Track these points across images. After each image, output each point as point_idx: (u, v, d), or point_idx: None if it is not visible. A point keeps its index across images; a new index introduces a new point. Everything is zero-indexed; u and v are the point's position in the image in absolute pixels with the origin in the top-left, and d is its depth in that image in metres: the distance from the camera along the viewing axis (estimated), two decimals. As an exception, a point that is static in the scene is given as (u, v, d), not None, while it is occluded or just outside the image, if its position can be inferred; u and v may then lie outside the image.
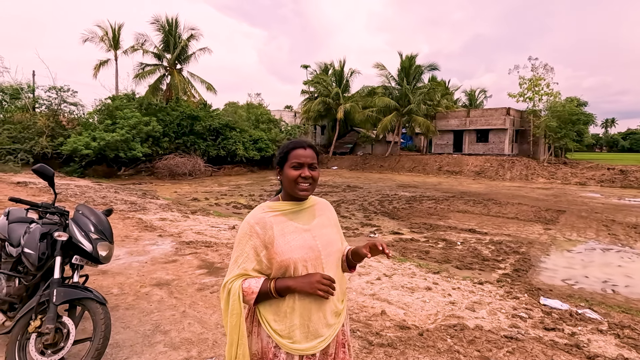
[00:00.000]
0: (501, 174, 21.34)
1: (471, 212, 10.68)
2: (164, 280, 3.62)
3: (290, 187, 1.30)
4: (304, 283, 1.23)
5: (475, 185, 18.19)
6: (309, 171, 1.29)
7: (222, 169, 23.20)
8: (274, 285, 1.23)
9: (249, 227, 1.27)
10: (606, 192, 15.76)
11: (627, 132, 73.71)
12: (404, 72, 26.40)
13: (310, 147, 1.34)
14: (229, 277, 1.26)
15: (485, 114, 26.66)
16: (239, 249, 1.27)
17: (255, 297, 1.23)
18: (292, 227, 1.30)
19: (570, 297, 4.49)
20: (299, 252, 1.27)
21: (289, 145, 1.35)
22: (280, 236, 1.27)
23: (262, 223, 1.27)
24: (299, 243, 1.28)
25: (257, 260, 1.26)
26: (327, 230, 1.39)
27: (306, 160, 1.29)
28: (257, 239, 1.25)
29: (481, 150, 26.52)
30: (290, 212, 1.33)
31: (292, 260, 1.25)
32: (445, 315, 3.14)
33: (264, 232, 1.26)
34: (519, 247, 7.01)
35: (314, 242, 1.31)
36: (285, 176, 1.31)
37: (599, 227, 8.84)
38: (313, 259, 1.29)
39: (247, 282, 1.24)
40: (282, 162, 1.33)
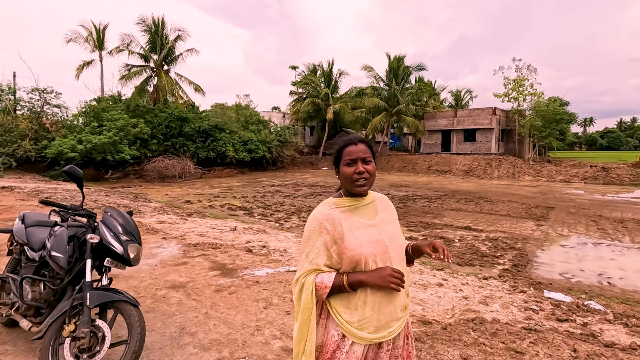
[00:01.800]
0: (489, 173, 21.81)
1: (465, 210, 10.89)
2: (179, 282, 3.59)
3: (348, 184, 1.33)
4: (376, 277, 1.25)
5: (465, 184, 18.53)
6: (362, 166, 1.31)
7: (212, 171, 22.97)
8: (346, 279, 1.26)
9: (318, 223, 1.29)
10: (590, 189, 16.31)
11: (604, 130, 76.36)
12: (392, 73, 26.71)
13: (362, 142, 1.35)
14: (301, 272, 1.29)
15: (472, 114, 27.22)
16: (309, 245, 1.29)
17: (328, 292, 1.25)
18: (359, 222, 1.33)
19: (570, 290, 4.66)
20: (368, 247, 1.29)
21: (340, 143, 1.37)
22: (349, 232, 1.29)
23: (331, 219, 1.29)
24: (367, 238, 1.30)
25: (328, 256, 1.28)
26: (391, 225, 1.41)
27: (359, 155, 1.31)
28: (327, 234, 1.27)
29: (469, 149, 27.05)
30: (354, 207, 1.35)
31: (362, 255, 1.27)
32: (461, 309, 3.22)
33: (333, 227, 1.28)
34: (514, 243, 7.20)
35: (381, 237, 1.33)
36: (342, 174, 1.34)
37: (588, 223, 9.15)
38: (381, 253, 1.31)
39: (320, 276, 1.27)
40: (337, 161, 1.36)
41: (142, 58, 24.23)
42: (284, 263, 4.27)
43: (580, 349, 2.37)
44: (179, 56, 24.81)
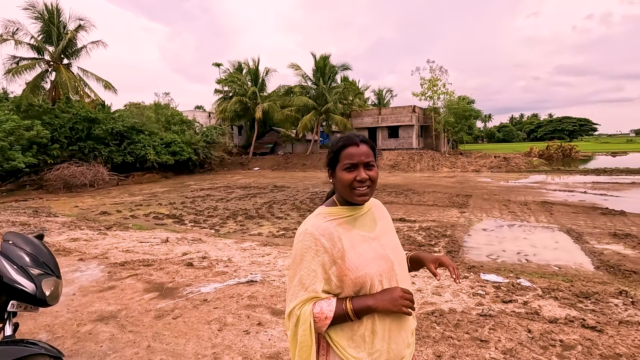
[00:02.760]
0: (412, 166, 23.43)
1: (397, 203, 11.46)
2: (108, 312, 3.03)
3: (346, 193, 1.12)
4: (386, 301, 1.06)
5: (392, 178, 19.62)
6: (365, 172, 1.10)
7: (131, 177, 20.79)
8: (351, 306, 1.05)
9: (313, 239, 1.06)
10: (496, 177, 18.47)
11: (500, 125, 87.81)
12: (319, 72, 27.08)
13: (364, 142, 1.14)
14: (295, 303, 1.05)
15: (394, 111, 28.98)
16: (303, 268, 1.06)
17: (329, 323, 1.05)
18: (359, 236, 1.13)
19: (498, 270, 5.11)
20: (374, 266, 1.10)
21: (338, 143, 1.15)
22: (350, 249, 1.08)
23: (329, 234, 1.08)
24: (371, 255, 1.11)
25: (326, 279, 1.07)
26: (391, 236, 1.23)
27: (361, 160, 1.10)
28: (325, 254, 1.06)
29: (393, 145, 28.77)
30: (353, 218, 1.15)
31: (368, 275, 1.08)
32: (419, 304, 3.27)
33: (332, 245, 1.07)
34: (445, 231, 7.74)
35: (384, 252, 1.15)
36: (339, 180, 1.12)
37: (501, 207, 10.28)
38: (387, 271, 1.12)
39: (318, 305, 1.05)
40: (333, 163, 1.15)
41: (33, 50, 20.80)
42: (232, 275, 3.92)
43: (533, 329, 2.55)
44: (82, 49, 21.86)
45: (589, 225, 7.69)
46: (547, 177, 17.67)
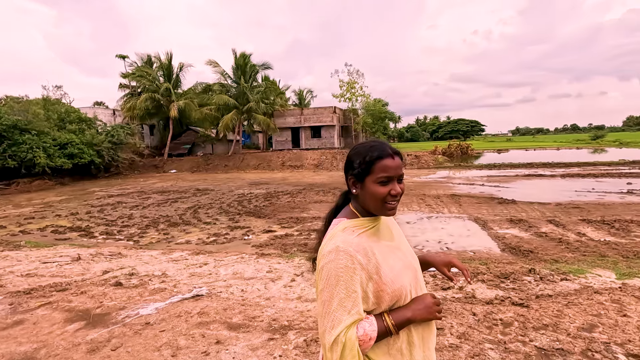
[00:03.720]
0: (335, 165, 24.27)
1: (326, 201, 11.74)
2: (23, 354, 2.48)
3: (376, 206, 1.07)
4: (422, 310, 1.05)
5: (318, 177, 20.05)
6: (399, 186, 1.07)
7: (15, 185, 17.51)
8: (391, 321, 1.02)
9: (349, 257, 0.99)
10: (410, 174, 20.19)
11: (408, 126, 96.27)
12: (239, 70, 26.29)
13: (398, 155, 1.08)
14: (340, 329, 0.96)
15: (316, 112, 29.67)
16: (341, 289, 0.98)
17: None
18: (386, 247, 1.09)
19: (427, 260, 5.62)
20: (406, 276, 1.07)
21: (371, 152, 1.06)
22: (384, 262, 1.04)
23: (363, 250, 1.02)
24: (401, 265, 1.09)
25: (363, 298, 1.01)
26: (406, 241, 1.21)
27: (397, 172, 1.06)
28: (363, 271, 1.00)
29: (316, 144, 29.44)
30: (376, 229, 1.10)
31: (403, 287, 1.05)
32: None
33: (367, 260, 1.01)
34: (374, 226, 8.22)
35: (408, 260, 1.13)
36: (369, 192, 1.06)
37: (419, 201, 11.26)
38: (414, 279, 1.11)
39: (360, 327, 0.99)
40: (362, 174, 1.06)
41: None
42: (172, 291, 3.56)
43: (477, 311, 2.84)
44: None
45: (490, 214, 8.85)
46: (451, 173, 19.95)
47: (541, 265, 4.56)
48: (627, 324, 2.54)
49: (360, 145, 1.11)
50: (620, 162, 20.77)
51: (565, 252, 5.57)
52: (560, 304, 2.95)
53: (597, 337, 2.41)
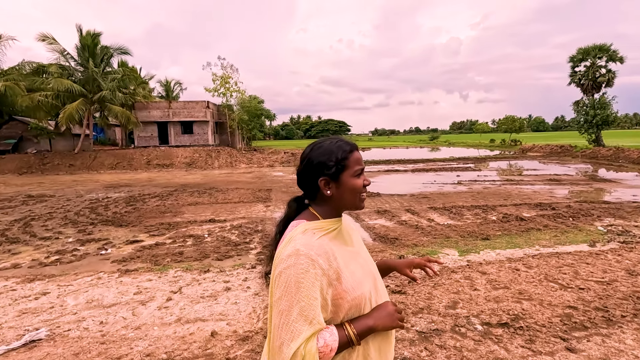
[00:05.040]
0: (210, 163, 22.89)
1: (202, 203, 10.89)
2: None
3: (353, 201, 1.05)
4: (384, 318, 1.00)
5: (191, 177, 18.51)
6: (367, 177, 1.09)
7: None
8: (353, 330, 0.95)
9: (310, 262, 0.91)
10: (287, 171, 20.63)
11: (283, 124, 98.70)
12: (87, 51, 22.02)
13: (358, 148, 1.10)
14: (300, 341, 0.87)
15: (187, 106, 27.30)
16: (302, 297, 0.89)
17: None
18: (347, 252, 1.03)
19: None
20: (366, 284, 1.01)
21: (344, 147, 1.04)
22: (344, 267, 0.98)
23: (325, 254, 0.94)
24: (362, 271, 1.03)
25: (323, 306, 0.93)
26: (365, 248, 1.16)
27: (364, 165, 1.08)
28: (324, 276, 0.92)
29: (188, 141, 27.12)
30: (337, 231, 1.04)
31: (364, 295, 0.99)
32: (262, 308, 3.19)
33: (328, 265, 0.94)
34: (256, 226, 7.97)
35: (369, 267, 1.08)
36: (347, 187, 1.03)
37: (298, 198, 11.54)
38: (374, 288, 1.05)
39: (320, 338, 0.90)
40: (340, 170, 1.02)
41: None
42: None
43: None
44: None
45: (361, 206, 9.70)
46: (325, 169, 21.24)
47: (406, 251, 5.15)
48: (478, 297, 3.04)
49: (321, 145, 1.05)
50: (451, 158, 25.80)
51: (422, 236, 6.46)
52: (429, 286, 3.34)
53: (460, 312, 2.79)
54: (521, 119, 45.02)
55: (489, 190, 11.61)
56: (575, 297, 3.15)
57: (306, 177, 1.06)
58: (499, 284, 3.43)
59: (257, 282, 3.94)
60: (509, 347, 2.40)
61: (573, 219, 7.40)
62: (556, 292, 3.26)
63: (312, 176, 1.04)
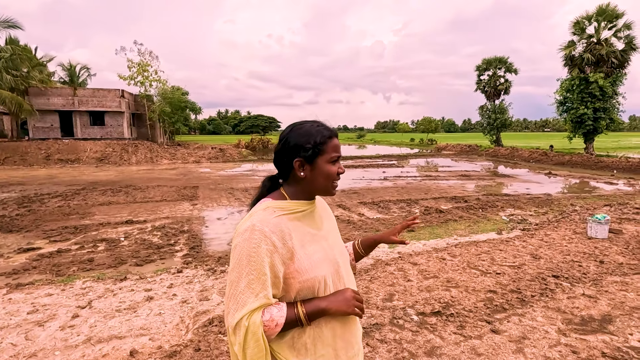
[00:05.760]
0: (126, 159, 20.73)
1: (117, 203, 9.78)
2: None
3: (326, 186, 1.06)
4: (340, 302, 0.99)
5: (102, 173, 16.52)
6: (342, 165, 1.10)
7: None
8: (304, 310, 0.95)
9: (263, 237, 0.92)
10: (215, 167, 19.65)
11: (210, 118, 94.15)
12: (-39, 21, 18.19)
13: (337, 135, 1.11)
14: (244, 312, 0.89)
15: (97, 94, 24.21)
16: (250, 269, 0.91)
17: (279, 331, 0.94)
18: (309, 234, 1.03)
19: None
20: (323, 268, 1.01)
21: (323, 132, 1.04)
22: (300, 248, 0.98)
23: (280, 232, 0.95)
24: (321, 255, 1.02)
25: (274, 283, 0.94)
26: (337, 235, 1.16)
27: (341, 153, 1.10)
28: (276, 253, 0.93)
29: (98, 134, 24.11)
30: (303, 214, 1.04)
31: (317, 279, 0.98)
32: (191, 317, 2.89)
33: (282, 243, 0.95)
34: (182, 227, 7.39)
35: (332, 252, 1.07)
36: (322, 172, 1.04)
37: (227, 195, 11.02)
38: (334, 273, 1.04)
39: (268, 312, 0.92)
40: (315, 154, 1.02)
41: None
42: None
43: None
44: None
45: (295, 203, 9.63)
46: (255, 166, 20.73)
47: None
48: (412, 288, 3.15)
49: (302, 126, 1.05)
50: (377, 155, 27.17)
51: (353, 230, 6.60)
52: (366, 280, 3.37)
53: (396, 304, 2.85)
54: (436, 120, 49.41)
55: (412, 185, 12.44)
56: (494, 281, 3.47)
57: (282, 156, 1.05)
58: (429, 273, 3.61)
59: (184, 288, 3.58)
60: (443, 335, 2.52)
61: (482, 210, 8.26)
62: (478, 278, 3.55)
63: (288, 156, 1.04)
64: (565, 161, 20.26)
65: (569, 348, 2.40)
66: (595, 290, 3.30)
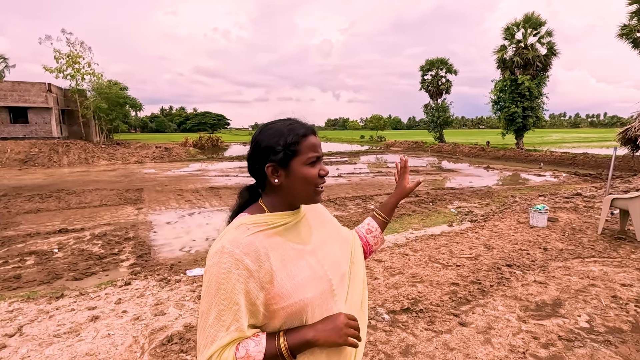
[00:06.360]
0: (56, 160, 18.69)
1: (47, 210, 8.75)
2: None
3: (308, 193, 0.91)
4: (328, 331, 0.85)
5: (28, 177, 14.72)
6: (324, 166, 0.94)
7: None
8: (286, 343, 0.82)
9: (234, 261, 0.80)
10: (160, 167, 18.47)
11: (152, 115, 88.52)
12: None
13: (316, 132, 0.96)
14: (214, 349, 0.78)
15: (18, 88, 21.44)
16: (222, 299, 0.79)
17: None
18: (292, 250, 0.89)
19: (198, 262, 5.14)
20: (311, 289, 0.87)
21: (296, 130, 0.89)
22: (281, 269, 0.85)
23: (254, 252, 0.82)
24: (307, 274, 0.88)
25: (252, 312, 0.82)
26: (331, 245, 0.99)
27: (321, 152, 0.93)
28: (250, 278, 0.81)
29: (21, 132, 21.40)
30: (285, 228, 0.90)
31: (304, 303, 0.85)
32: (146, 336, 2.60)
33: (258, 266, 0.82)
34: (126, 233, 6.81)
35: (322, 270, 0.91)
36: (300, 177, 0.89)
37: (176, 197, 10.38)
38: (325, 294, 0.90)
39: (243, 347, 0.80)
40: (289, 156, 0.88)
41: None
42: None
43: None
44: None
45: (250, 203, 9.32)
46: (205, 165, 19.84)
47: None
48: (380, 286, 3.14)
49: (272, 126, 0.91)
50: (330, 153, 27.43)
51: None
52: (334, 281, 3.30)
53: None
54: (384, 118, 51.18)
55: (366, 182, 12.69)
56: (455, 274, 3.59)
57: (254, 162, 0.91)
58: (394, 270, 3.64)
59: (135, 302, 3.24)
60: (415, 332, 2.52)
61: (432, 203, 8.64)
62: (440, 271, 3.65)
63: (259, 162, 0.90)
64: (500, 156, 22.04)
65: (530, 334, 2.53)
66: (544, 276, 3.55)
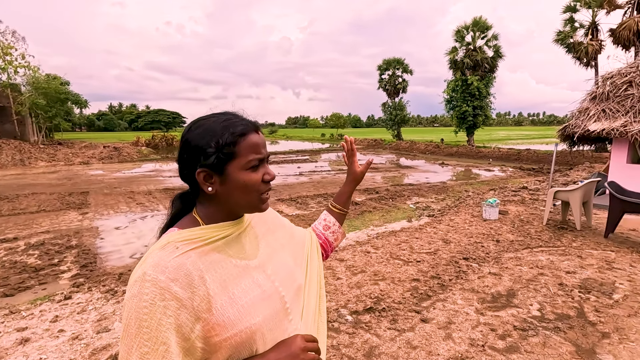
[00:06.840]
0: (-15, 162, 16.81)
1: (-24, 218, 7.79)
2: None
3: (250, 201, 0.76)
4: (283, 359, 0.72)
5: (-51, 181, 13.06)
6: (270, 169, 0.80)
7: None
8: None
9: (158, 291, 0.63)
10: (109, 168, 17.25)
11: (99, 113, 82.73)
12: None
13: (259, 128, 0.80)
14: None
15: None
16: (143, 339, 0.62)
17: None
18: (235, 268, 0.74)
19: (151, 269, 4.80)
20: (259, 312, 0.73)
21: (231, 128, 0.73)
22: (221, 292, 0.70)
23: (185, 276, 0.66)
24: (254, 294, 0.74)
25: (186, 349, 0.66)
26: (281, 255, 0.86)
27: (266, 153, 0.79)
28: (182, 309, 0.65)
29: (-60, 131, 18.96)
30: (224, 241, 0.75)
31: (251, 330, 0.71)
32: (87, 357, 2.33)
33: (191, 293, 0.66)
34: (68, 241, 6.24)
35: (273, 287, 0.78)
36: (238, 184, 0.74)
37: (127, 200, 9.72)
38: (278, 314, 0.77)
39: None
40: (224, 160, 0.72)
41: None
42: None
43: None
44: None
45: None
46: (159, 165, 18.83)
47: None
48: (342, 286, 3.08)
49: (203, 122, 0.75)
50: (290, 151, 27.23)
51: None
52: (295, 283, 3.19)
53: (329, 306, 2.74)
54: (344, 116, 51.81)
55: (327, 180, 12.70)
56: (416, 270, 3.63)
57: (184, 167, 0.75)
58: (356, 269, 3.61)
59: (74, 319, 2.91)
60: (379, 332, 2.49)
61: (392, 200, 8.82)
62: (401, 268, 3.68)
63: (189, 166, 0.74)
64: (453, 152, 23.13)
65: (488, 327, 2.60)
66: (498, 268, 3.70)
